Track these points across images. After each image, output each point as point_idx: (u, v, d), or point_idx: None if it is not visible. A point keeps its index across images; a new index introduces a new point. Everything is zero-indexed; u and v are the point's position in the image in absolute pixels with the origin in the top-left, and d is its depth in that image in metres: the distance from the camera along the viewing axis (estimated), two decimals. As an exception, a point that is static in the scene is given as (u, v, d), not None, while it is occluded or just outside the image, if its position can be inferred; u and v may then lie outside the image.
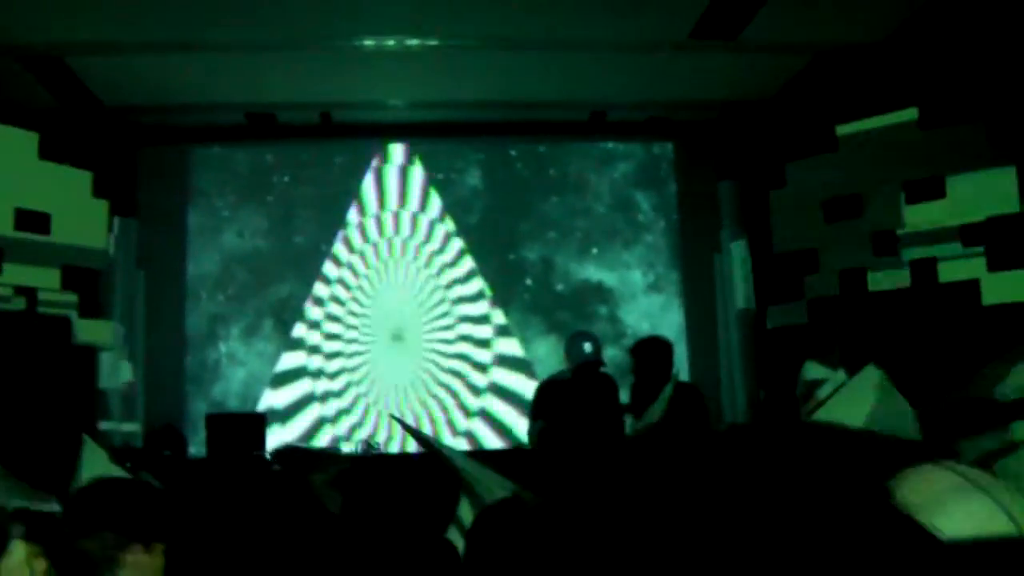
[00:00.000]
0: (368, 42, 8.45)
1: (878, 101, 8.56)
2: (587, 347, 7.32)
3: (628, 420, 7.18)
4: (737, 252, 10.18)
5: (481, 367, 10.42)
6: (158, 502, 3.70)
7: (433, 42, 8.50)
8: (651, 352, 7.07)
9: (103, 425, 9.23)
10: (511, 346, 10.42)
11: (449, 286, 10.48)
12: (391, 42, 8.46)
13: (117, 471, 5.28)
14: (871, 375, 5.23)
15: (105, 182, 8.95)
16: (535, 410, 7.37)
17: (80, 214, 8.63)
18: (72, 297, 8.63)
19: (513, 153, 10.81)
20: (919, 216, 8.18)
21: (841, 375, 5.63)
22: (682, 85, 9.66)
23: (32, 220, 8.20)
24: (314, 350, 10.36)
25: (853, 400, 5.15)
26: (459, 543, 4.36)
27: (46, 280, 8.34)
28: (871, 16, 8.07)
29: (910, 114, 8.32)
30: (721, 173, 10.53)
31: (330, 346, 10.38)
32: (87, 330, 8.82)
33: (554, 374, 7.62)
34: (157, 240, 10.23)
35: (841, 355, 5.88)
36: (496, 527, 3.59)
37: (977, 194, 7.82)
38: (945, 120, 8.05)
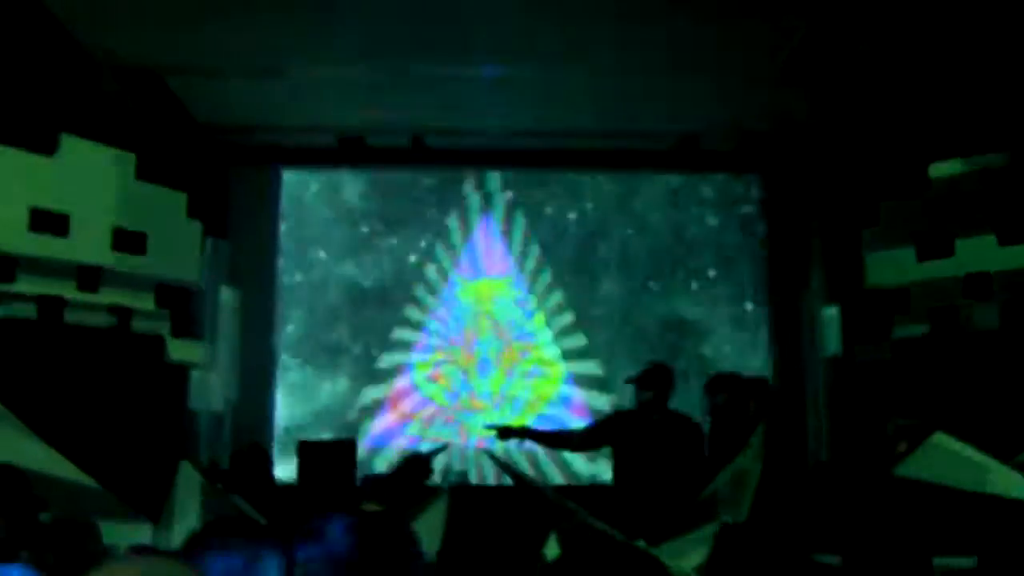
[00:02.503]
0: (461, 69, 8.53)
1: (970, 140, 8.48)
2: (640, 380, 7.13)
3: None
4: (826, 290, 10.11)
5: (565, 400, 10.44)
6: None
7: (525, 70, 8.56)
8: (732, 390, 6.85)
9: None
10: (595, 376, 10.42)
11: (536, 315, 10.50)
12: (482, 69, 8.53)
13: (211, 498, 5.38)
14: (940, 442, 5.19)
15: (199, 203, 9.08)
16: (596, 430, 7.33)
17: (175, 235, 8.75)
18: (165, 316, 8.74)
19: (601, 181, 10.81)
20: (1012, 257, 8.07)
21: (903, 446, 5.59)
22: (771, 118, 9.64)
23: (129, 240, 8.33)
24: (404, 375, 10.44)
25: (934, 457, 5.12)
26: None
27: (141, 301, 8.46)
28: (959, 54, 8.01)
29: (1001, 157, 8.24)
30: (810, 209, 10.44)
31: (419, 373, 10.45)
32: (179, 349, 8.94)
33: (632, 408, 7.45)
34: (248, 260, 10.36)
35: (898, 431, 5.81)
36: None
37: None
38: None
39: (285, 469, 8.40)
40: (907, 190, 8.76)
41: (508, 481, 8.50)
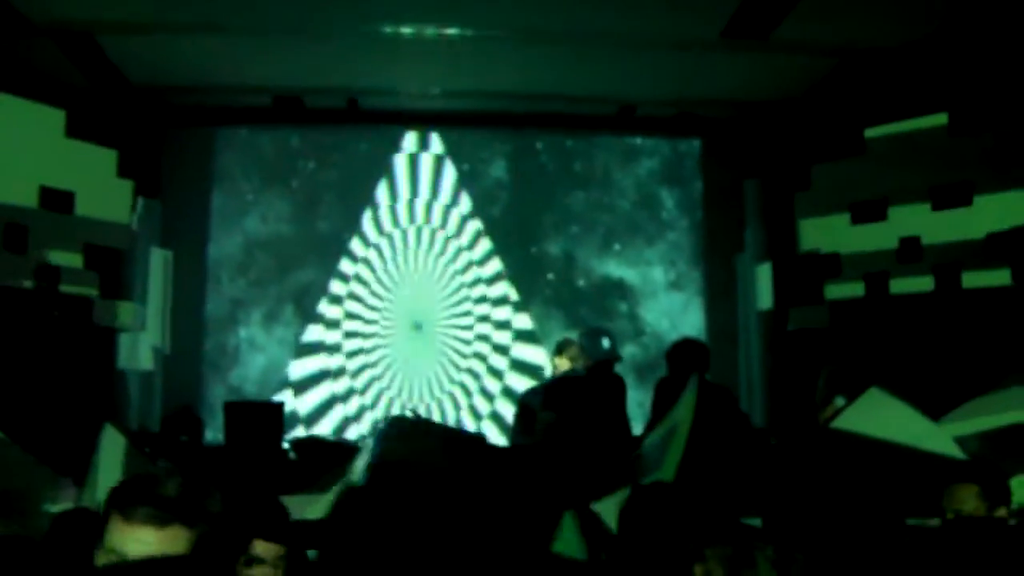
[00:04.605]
0: (398, 29, 8.43)
1: (907, 105, 8.49)
2: (605, 343, 7.27)
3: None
4: (759, 253, 10.14)
5: (502, 349, 10.44)
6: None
7: (464, 31, 8.47)
8: (689, 357, 6.98)
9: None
10: (531, 347, 10.44)
11: (469, 276, 10.46)
12: (421, 30, 8.43)
13: (135, 458, 5.29)
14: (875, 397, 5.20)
15: (131, 162, 8.93)
16: (546, 404, 7.27)
17: (104, 193, 8.60)
18: (93, 277, 8.59)
19: (539, 146, 10.77)
20: (945, 222, 8.11)
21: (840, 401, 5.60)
22: (711, 83, 9.61)
23: (56, 198, 8.18)
24: (334, 345, 10.38)
25: (871, 411, 5.14)
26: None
27: (69, 260, 8.31)
28: (902, 19, 8.00)
29: (939, 119, 8.24)
30: (747, 172, 10.46)
31: (350, 336, 10.38)
32: (108, 311, 8.81)
33: (567, 371, 7.48)
34: (180, 222, 10.20)
35: (829, 380, 5.81)
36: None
37: (1005, 203, 7.74)
38: (975, 127, 7.98)
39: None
40: (842, 153, 8.77)
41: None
